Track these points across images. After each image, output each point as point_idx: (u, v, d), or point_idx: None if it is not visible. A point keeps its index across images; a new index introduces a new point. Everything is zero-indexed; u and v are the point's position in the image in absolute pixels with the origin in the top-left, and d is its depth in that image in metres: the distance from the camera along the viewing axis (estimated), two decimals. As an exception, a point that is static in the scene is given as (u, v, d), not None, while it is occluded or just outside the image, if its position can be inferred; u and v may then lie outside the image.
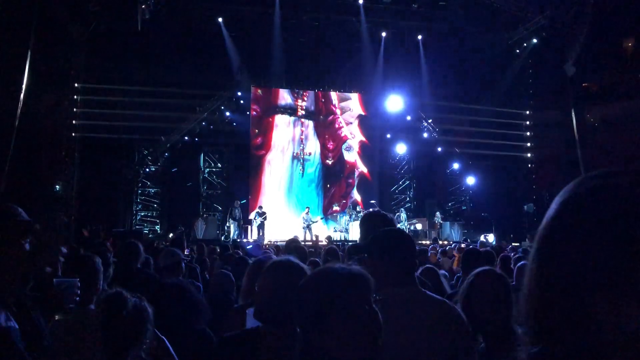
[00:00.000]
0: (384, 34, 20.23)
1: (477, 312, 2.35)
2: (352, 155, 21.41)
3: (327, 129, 21.40)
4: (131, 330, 2.05)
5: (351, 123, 21.70)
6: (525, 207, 20.95)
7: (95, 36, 17.52)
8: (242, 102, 20.41)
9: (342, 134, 21.49)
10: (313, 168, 20.89)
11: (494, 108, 20.89)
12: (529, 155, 21.81)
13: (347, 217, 18.81)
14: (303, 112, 21.17)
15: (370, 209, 15.56)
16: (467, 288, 2.45)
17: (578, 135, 19.50)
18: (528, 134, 21.87)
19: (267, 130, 20.75)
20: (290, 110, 21.15)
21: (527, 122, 21.94)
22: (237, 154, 20.77)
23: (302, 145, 20.81)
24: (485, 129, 20.92)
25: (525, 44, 20.59)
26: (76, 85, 18.09)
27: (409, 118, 21.35)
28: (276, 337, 1.95)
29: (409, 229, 18.90)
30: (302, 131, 21.02)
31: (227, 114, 20.23)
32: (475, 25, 19.80)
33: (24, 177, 15.38)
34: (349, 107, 21.71)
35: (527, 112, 21.90)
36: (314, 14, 19.45)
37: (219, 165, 21.15)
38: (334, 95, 21.53)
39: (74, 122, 18.02)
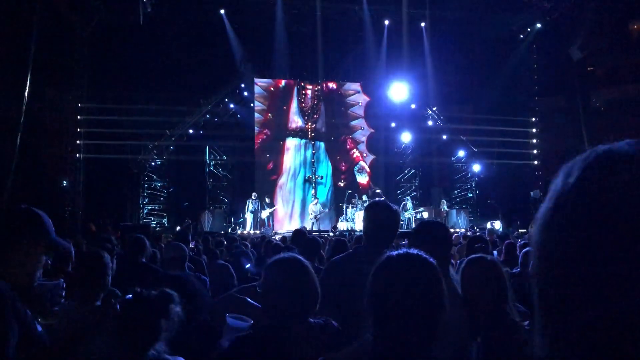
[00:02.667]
0: (386, 22, 20.10)
1: (469, 299, 2.40)
2: (363, 178, 21.26)
3: (338, 150, 21.27)
4: (148, 330, 2.08)
5: (362, 142, 21.53)
6: (532, 193, 20.88)
7: (98, 30, 17.53)
8: (246, 93, 20.39)
9: (354, 155, 21.36)
10: (325, 191, 20.70)
11: (499, 94, 20.75)
12: (534, 140, 21.67)
13: (353, 207, 18.81)
14: (314, 134, 20.98)
15: (376, 199, 15.62)
16: (460, 276, 2.49)
17: (584, 120, 19.38)
18: (533, 119, 21.72)
19: (278, 154, 20.67)
20: (301, 133, 20.99)
21: (532, 107, 21.78)
22: (242, 146, 20.77)
23: (313, 168, 20.61)
24: (490, 115, 20.80)
25: (529, 29, 20.41)
26: (80, 80, 18.11)
27: (413, 106, 21.28)
28: (287, 329, 2.02)
29: (415, 217, 18.91)
30: (313, 154, 20.81)
31: (232, 106, 20.22)
32: (478, 10, 19.63)
33: (30, 173, 15.48)
34: (361, 126, 21.56)
35: (532, 97, 21.74)
36: (315, 4, 19.33)
37: (225, 157, 21.17)
38: (343, 110, 21.39)
39: (78, 117, 18.08)
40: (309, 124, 20.99)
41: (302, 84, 21.06)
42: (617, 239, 0.55)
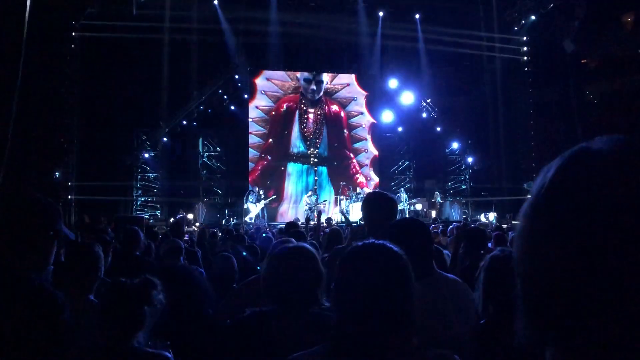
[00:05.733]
0: (381, 14, 20.05)
1: (500, 303, 2.31)
2: None
3: (341, 174, 20.56)
4: (130, 318, 2.08)
5: (366, 165, 21.14)
6: (525, 185, 20.94)
7: (91, 21, 17.39)
8: (239, 85, 20.30)
9: (358, 180, 20.68)
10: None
11: (493, 86, 20.76)
12: (528, 133, 21.70)
13: (347, 199, 18.82)
14: (316, 160, 20.38)
15: (374, 190, 15.50)
16: (486, 274, 2.40)
17: (578, 112, 19.43)
18: (527, 111, 21.74)
19: (279, 180, 20.09)
20: (303, 159, 20.46)
21: (526, 99, 21.81)
22: (236, 138, 20.70)
23: (316, 195, 19.33)
24: (485, 107, 20.84)
25: (523, 21, 20.39)
26: (72, 71, 17.99)
27: (407, 98, 21.23)
28: (286, 316, 2.08)
29: (409, 209, 18.95)
30: (316, 180, 20.14)
31: (225, 97, 20.13)
32: (473, 2, 19.60)
33: (23, 164, 15.38)
34: (365, 148, 21.21)
35: (526, 89, 21.77)
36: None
37: (218, 149, 21.10)
38: (347, 133, 21.00)
39: (72, 108, 17.95)
40: (311, 149, 20.46)
41: (305, 108, 20.56)
42: (587, 231, 0.58)
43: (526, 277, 0.66)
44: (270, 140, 20.32)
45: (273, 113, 20.45)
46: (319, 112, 20.77)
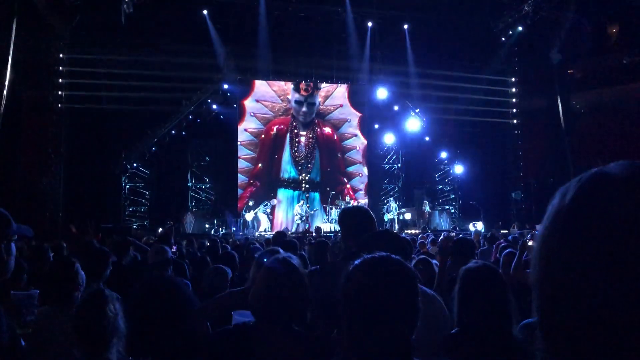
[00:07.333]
0: (370, 24, 20.15)
1: (472, 314, 2.28)
2: None
3: (334, 201, 19.37)
4: (105, 331, 2.09)
5: (361, 190, 20.69)
6: (513, 194, 21.10)
7: (79, 30, 17.32)
8: (228, 94, 20.26)
9: None
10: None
11: (481, 96, 20.92)
12: (516, 142, 21.88)
13: (336, 209, 18.80)
14: (308, 186, 19.74)
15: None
16: (460, 286, 2.36)
17: (564, 122, 19.62)
18: (515, 121, 21.92)
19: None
20: (294, 184, 19.70)
21: (514, 110, 22.00)
22: (225, 147, 20.63)
23: (307, 224, 18.32)
24: (473, 117, 20.97)
25: (510, 32, 20.60)
26: (60, 80, 17.89)
27: (396, 108, 21.32)
28: (270, 332, 2.06)
29: (398, 218, 18.98)
30: (308, 207, 18.96)
31: (214, 106, 20.09)
32: (461, 13, 19.76)
33: (9, 173, 15.25)
34: (359, 172, 20.73)
35: (514, 100, 21.97)
36: (299, 5, 19.31)
37: (207, 158, 21.01)
38: (340, 157, 20.46)
39: (59, 117, 17.83)
40: (303, 174, 19.74)
41: (296, 131, 20.01)
42: (606, 252, 0.62)
43: (545, 294, 0.68)
44: (260, 165, 19.66)
45: (263, 136, 19.81)
46: (310, 135, 20.12)
